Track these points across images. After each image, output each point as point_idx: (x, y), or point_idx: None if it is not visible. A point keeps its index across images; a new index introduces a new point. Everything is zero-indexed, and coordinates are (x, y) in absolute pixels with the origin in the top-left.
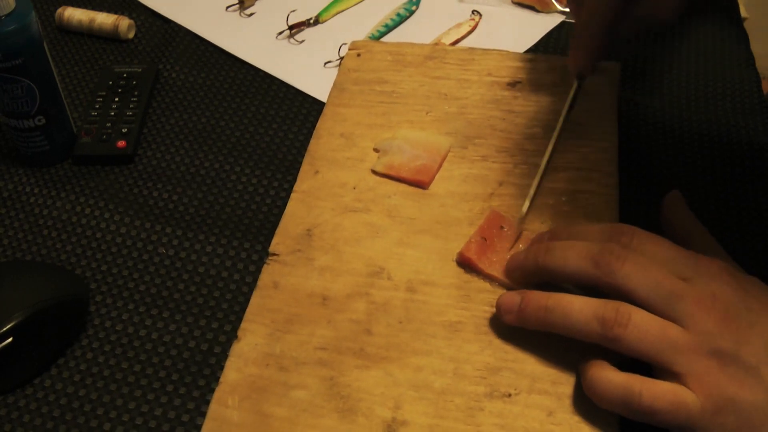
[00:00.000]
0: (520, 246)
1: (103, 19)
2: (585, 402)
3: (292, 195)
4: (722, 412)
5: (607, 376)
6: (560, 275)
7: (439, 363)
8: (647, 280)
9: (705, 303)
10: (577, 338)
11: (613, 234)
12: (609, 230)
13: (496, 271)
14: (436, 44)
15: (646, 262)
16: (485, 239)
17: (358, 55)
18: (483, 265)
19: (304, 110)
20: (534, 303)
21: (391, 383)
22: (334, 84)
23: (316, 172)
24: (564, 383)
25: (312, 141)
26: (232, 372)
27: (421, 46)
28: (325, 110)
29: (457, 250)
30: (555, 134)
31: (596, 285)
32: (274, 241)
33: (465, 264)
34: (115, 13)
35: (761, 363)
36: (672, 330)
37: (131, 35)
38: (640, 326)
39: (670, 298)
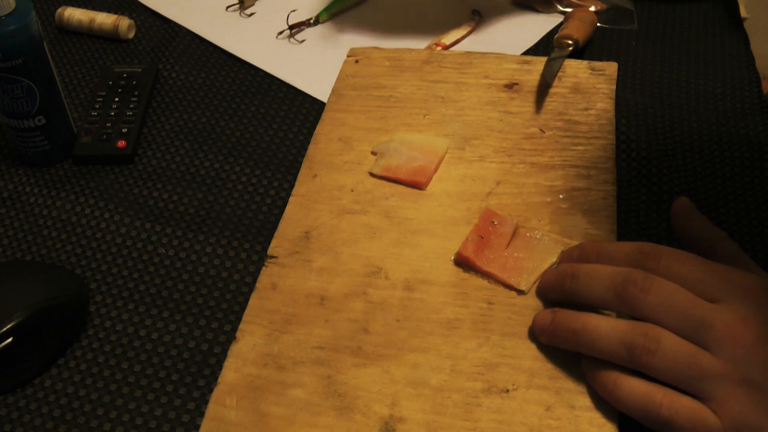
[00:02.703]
0: (517, 244)
1: (103, 19)
2: (584, 397)
3: (291, 199)
4: None
5: (630, 383)
6: (586, 304)
7: (437, 360)
8: (674, 311)
9: (736, 329)
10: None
11: (639, 257)
12: (636, 252)
13: (494, 268)
14: (437, 44)
15: (672, 291)
16: (482, 237)
17: (357, 61)
18: (481, 263)
19: (304, 110)
20: (563, 326)
21: (388, 380)
22: (333, 90)
23: (315, 176)
24: (562, 378)
25: (310, 146)
26: (230, 372)
27: (419, 51)
28: (324, 116)
29: (455, 249)
30: None
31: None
32: (272, 244)
33: (463, 263)
34: (115, 13)
35: None
36: (702, 357)
37: (131, 35)
38: (669, 353)
39: (699, 328)
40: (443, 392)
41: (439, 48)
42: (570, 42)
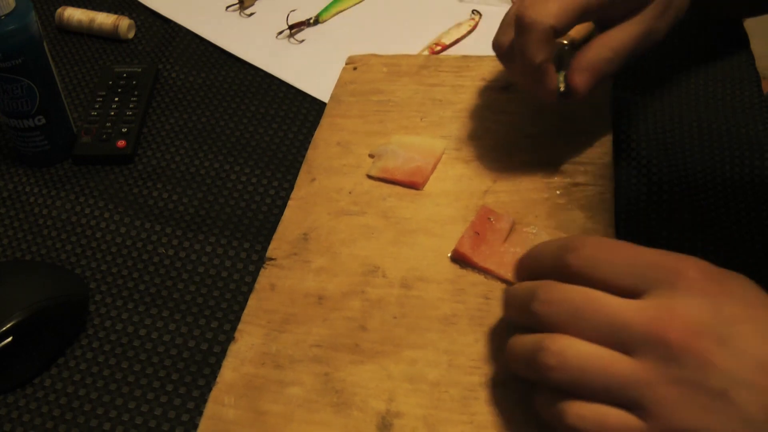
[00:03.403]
0: (514, 239)
1: (103, 19)
2: None
3: (289, 202)
4: None
5: (571, 406)
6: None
7: (434, 355)
8: (582, 318)
9: (658, 325)
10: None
11: (562, 253)
12: (559, 248)
13: (491, 264)
14: (436, 44)
15: (577, 295)
16: (478, 234)
17: (355, 68)
18: (478, 259)
19: (304, 110)
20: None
21: (385, 377)
22: (331, 96)
23: (313, 179)
24: None
25: (309, 151)
26: (228, 371)
27: (416, 56)
28: (322, 121)
29: (452, 247)
30: None
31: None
32: (271, 246)
33: (460, 259)
34: (115, 13)
35: (733, 385)
36: (618, 364)
37: (131, 35)
38: (575, 366)
39: (615, 331)
40: (440, 387)
41: (438, 48)
42: (565, 42)
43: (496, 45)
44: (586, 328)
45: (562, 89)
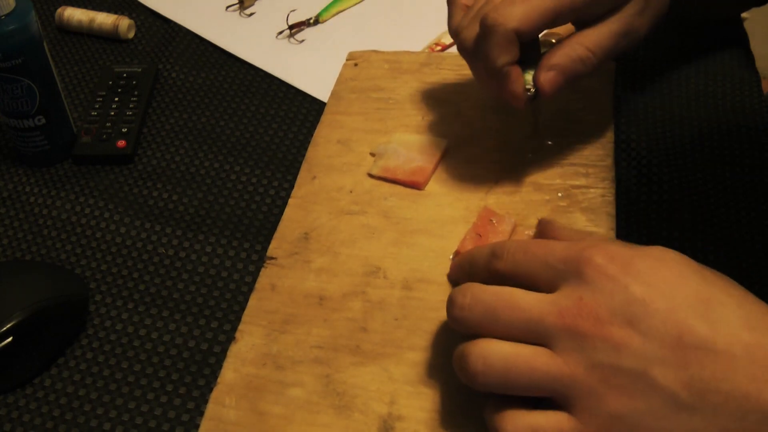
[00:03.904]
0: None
1: (103, 19)
2: None
3: (290, 201)
4: None
5: (511, 416)
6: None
7: (435, 357)
8: (499, 319)
9: (569, 314)
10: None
11: (491, 259)
12: (488, 255)
13: None
14: (437, 43)
15: (491, 297)
16: (480, 235)
17: (355, 64)
18: None
19: (304, 110)
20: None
21: (386, 379)
22: (332, 93)
23: (314, 177)
24: None
25: (309, 149)
26: (229, 372)
27: (417, 53)
28: (323, 118)
29: (454, 248)
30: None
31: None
32: (271, 246)
33: None
34: (115, 13)
35: (649, 364)
36: (539, 359)
37: (131, 35)
38: (499, 368)
39: (533, 327)
40: (442, 390)
41: (439, 48)
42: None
43: (458, 38)
44: (504, 327)
45: (531, 91)
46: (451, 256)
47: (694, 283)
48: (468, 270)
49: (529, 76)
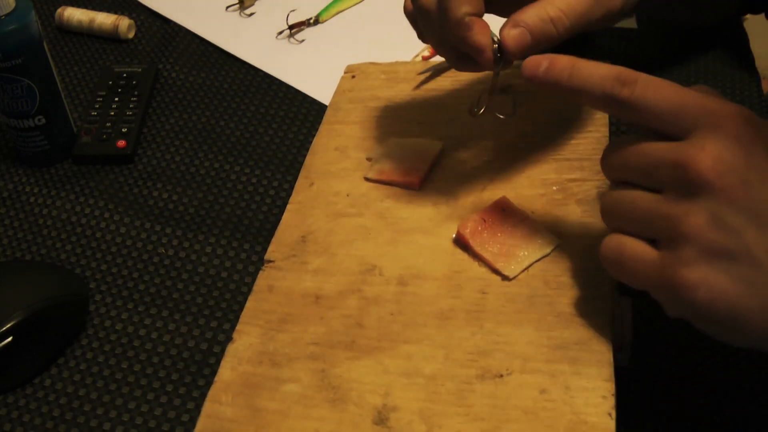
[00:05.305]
0: (516, 234)
1: (103, 19)
2: (579, 378)
3: (288, 206)
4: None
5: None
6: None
7: (430, 350)
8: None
9: (690, 156)
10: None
11: (615, 84)
12: (612, 78)
13: (487, 252)
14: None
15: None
16: (485, 220)
17: (353, 77)
18: (475, 244)
19: (304, 110)
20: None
21: (381, 372)
22: (330, 104)
23: (312, 184)
24: (557, 362)
25: (308, 157)
26: (226, 371)
27: (414, 63)
28: (321, 128)
29: (449, 245)
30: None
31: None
32: (269, 249)
33: (460, 242)
34: (115, 13)
35: (745, 226)
36: (651, 197)
37: (131, 35)
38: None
39: (654, 176)
40: (436, 380)
41: None
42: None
43: (412, 5)
44: (633, 170)
45: (495, 46)
46: (448, 245)
47: None
48: (567, 77)
49: (495, 38)
